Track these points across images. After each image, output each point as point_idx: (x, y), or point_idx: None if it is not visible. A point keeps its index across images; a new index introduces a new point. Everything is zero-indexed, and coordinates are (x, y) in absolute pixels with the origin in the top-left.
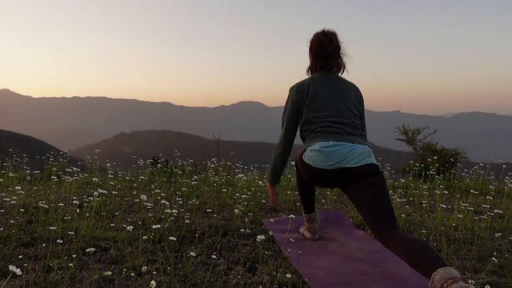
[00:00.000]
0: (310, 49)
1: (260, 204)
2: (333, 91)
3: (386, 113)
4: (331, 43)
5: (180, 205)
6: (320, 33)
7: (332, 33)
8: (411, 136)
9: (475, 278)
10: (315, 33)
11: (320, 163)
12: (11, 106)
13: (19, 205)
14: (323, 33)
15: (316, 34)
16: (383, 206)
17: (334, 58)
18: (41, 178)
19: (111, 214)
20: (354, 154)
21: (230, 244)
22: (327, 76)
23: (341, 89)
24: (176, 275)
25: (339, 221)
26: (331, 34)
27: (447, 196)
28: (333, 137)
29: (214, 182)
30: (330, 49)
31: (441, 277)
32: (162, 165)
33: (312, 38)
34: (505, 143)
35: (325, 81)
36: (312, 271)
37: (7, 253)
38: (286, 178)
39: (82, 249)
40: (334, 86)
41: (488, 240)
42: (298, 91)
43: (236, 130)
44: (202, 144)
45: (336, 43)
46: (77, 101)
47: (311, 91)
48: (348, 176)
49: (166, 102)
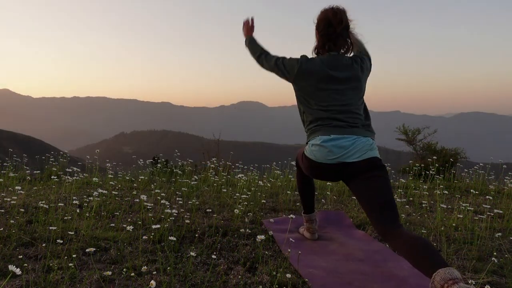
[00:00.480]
0: (317, 28)
1: (260, 204)
2: (341, 77)
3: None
4: (340, 22)
5: (180, 205)
6: (328, 10)
7: (342, 11)
8: (411, 136)
9: (475, 278)
10: (322, 10)
11: (321, 157)
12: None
13: (19, 205)
14: (332, 11)
15: (324, 12)
16: (385, 201)
17: (343, 38)
18: (41, 178)
19: (111, 214)
20: (356, 148)
21: (230, 244)
22: (336, 59)
23: (350, 73)
24: (176, 275)
25: (339, 221)
26: (340, 12)
27: (447, 196)
28: (335, 131)
29: (214, 182)
30: (339, 29)
31: (441, 277)
32: (162, 165)
33: (320, 15)
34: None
35: (333, 66)
36: (312, 271)
37: (7, 253)
38: (287, 178)
39: (82, 249)
40: (342, 70)
41: (488, 240)
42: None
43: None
44: (202, 144)
45: (345, 22)
46: (77, 101)
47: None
48: (350, 170)
49: (166, 102)
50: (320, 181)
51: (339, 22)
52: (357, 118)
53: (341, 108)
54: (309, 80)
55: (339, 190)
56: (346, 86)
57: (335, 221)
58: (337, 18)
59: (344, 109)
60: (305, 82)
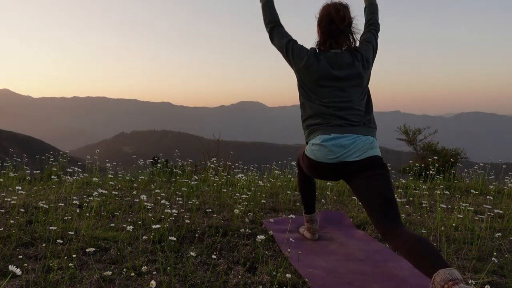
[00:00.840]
0: (318, 24)
1: (260, 204)
2: (342, 76)
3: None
4: (343, 20)
5: (180, 205)
6: (330, 6)
7: (344, 7)
8: (412, 136)
9: (475, 278)
10: (325, 5)
11: (321, 157)
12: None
13: (19, 205)
14: (334, 7)
15: (326, 8)
16: (386, 200)
17: (345, 35)
18: (41, 178)
19: (111, 214)
20: (356, 147)
21: (230, 244)
22: (338, 57)
23: (351, 71)
24: (176, 275)
25: (339, 221)
26: (343, 9)
27: (447, 196)
28: (335, 130)
29: (214, 182)
30: (341, 26)
31: (442, 278)
32: (162, 165)
33: (322, 11)
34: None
35: (336, 65)
36: (312, 271)
37: (7, 253)
38: (286, 178)
39: (82, 249)
40: (344, 69)
41: (488, 240)
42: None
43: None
44: (202, 144)
45: (348, 19)
46: (77, 101)
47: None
48: (351, 169)
49: (166, 102)
50: (320, 181)
51: (342, 19)
52: (358, 115)
53: (342, 105)
54: (311, 76)
55: (339, 190)
56: (347, 83)
57: (335, 221)
58: (339, 16)
59: (345, 105)
60: (307, 77)
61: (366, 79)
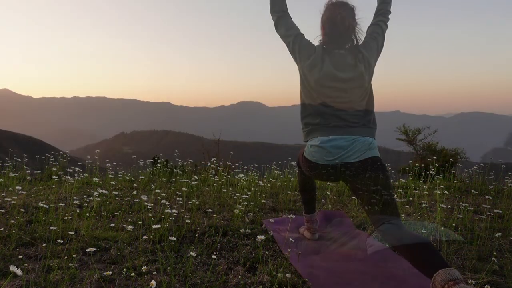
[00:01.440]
0: (322, 24)
1: (260, 204)
2: (344, 77)
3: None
4: (347, 29)
5: (180, 205)
6: (336, 12)
7: (349, 11)
8: (412, 136)
9: (475, 278)
10: (330, 6)
11: (320, 158)
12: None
13: (19, 205)
14: (339, 14)
15: (331, 10)
16: (386, 200)
17: (348, 37)
18: (41, 178)
19: (111, 214)
20: (355, 149)
21: (230, 244)
22: (341, 58)
23: (354, 73)
24: (176, 275)
25: (339, 221)
26: (348, 14)
27: (447, 196)
28: (333, 131)
29: (214, 182)
30: (346, 33)
31: (442, 278)
32: (162, 165)
33: (326, 12)
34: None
35: (339, 66)
36: (312, 271)
37: (7, 253)
38: (286, 178)
39: (82, 249)
40: (347, 70)
41: (488, 240)
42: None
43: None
44: (202, 144)
45: (353, 27)
46: (77, 101)
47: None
48: (350, 170)
49: (166, 102)
50: (320, 181)
51: (347, 28)
52: (358, 115)
53: (342, 106)
54: (315, 75)
55: (339, 190)
56: (349, 85)
57: (335, 221)
58: (344, 25)
59: (346, 106)
60: (310, 76)
61: (367, 80)
